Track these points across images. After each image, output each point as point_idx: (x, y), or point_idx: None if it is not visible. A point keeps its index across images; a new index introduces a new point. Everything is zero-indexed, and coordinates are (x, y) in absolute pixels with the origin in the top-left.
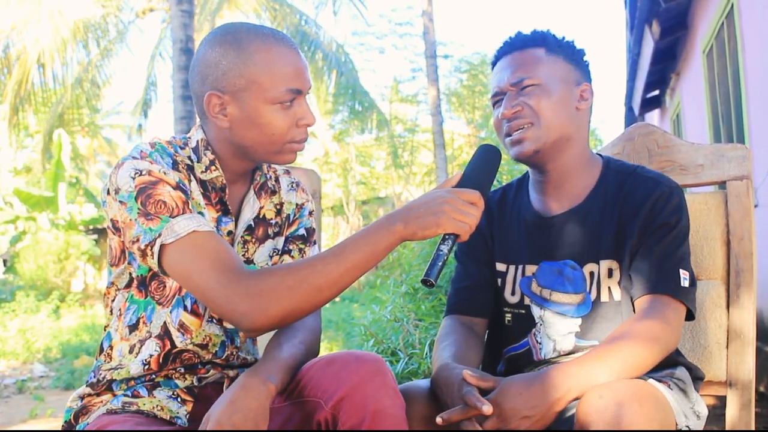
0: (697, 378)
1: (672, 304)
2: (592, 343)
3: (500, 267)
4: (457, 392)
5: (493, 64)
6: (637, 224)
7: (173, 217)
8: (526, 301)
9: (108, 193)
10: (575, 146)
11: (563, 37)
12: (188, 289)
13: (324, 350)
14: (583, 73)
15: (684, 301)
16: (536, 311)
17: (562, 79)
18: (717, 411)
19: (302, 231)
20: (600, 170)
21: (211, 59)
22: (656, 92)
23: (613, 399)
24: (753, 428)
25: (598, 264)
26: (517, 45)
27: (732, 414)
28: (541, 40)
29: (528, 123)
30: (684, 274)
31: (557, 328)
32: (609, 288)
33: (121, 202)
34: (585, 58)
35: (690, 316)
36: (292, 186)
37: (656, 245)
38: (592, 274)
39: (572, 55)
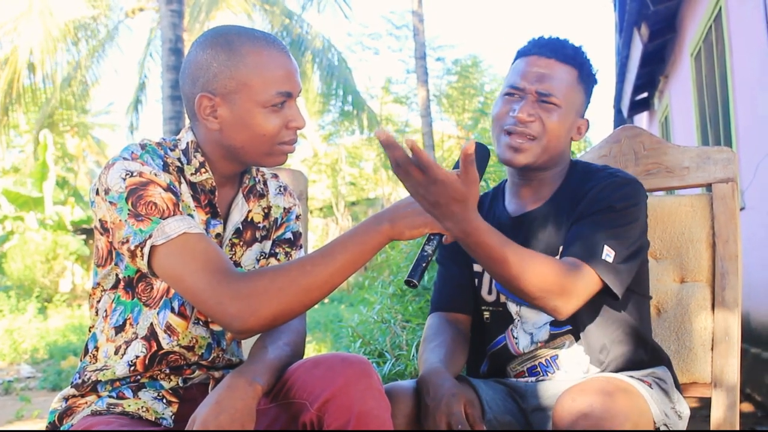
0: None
1: (584, 271)
2: (566, 329)
3: (477, 268)
4: (444, 407)
5: (524, 53)
6: (581, 205)
7: (164, 219)
8: (502, 298)
9: (97, 193)
10: (559, 164)
11: (593, 68)
12: (178, 290)
13: (312, 351)
14: (587, 108)
15: (597, 270)
16: (513, 308)
17: (576, 111)
18: (703, 412)
19: (289, 235)
20: (566, 172)
21: (203, 61)
22: (645, 94)
23: (586, 400)
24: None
25: (558, 255)
26: (559, 54)
27: (717, 415)
28: (580, 63)
29: (533, 136)
30: (608, 251)
31: (533, 321)
32: None
33: (110, 202)
34: (592, 94)
35: (612, 295)
36: (279, 190)
37: (589, 221)
38: None
39: (590, 89)
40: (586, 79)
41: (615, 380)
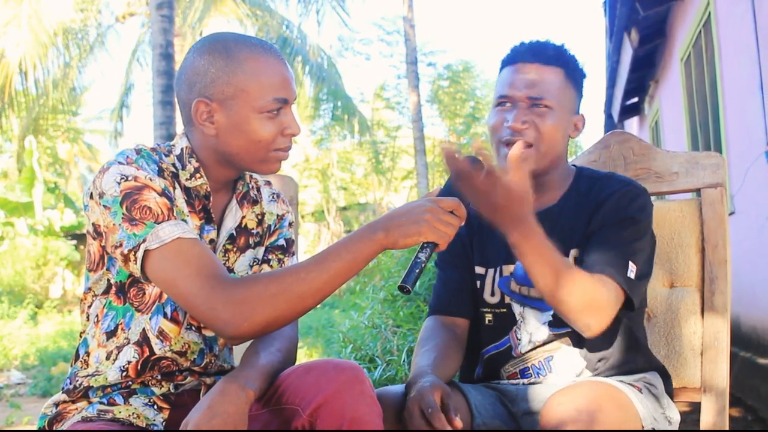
0: (665, 376)
1: (614, 289)
2: (565, 330)
3: (479, 270)
4: (417, 395)
5: (508, 61)
6: (601, 213)
7: (158, 223)
8: (506, 300)
9: (91, 197)
10: (558, 167)
11: (578, 63)
12: (171, 295)
13: (304, 356)
14: (580, 102)
15: (624, 288)
16: (517, 309)
17: (569, 109)
18: (693, 416)
19: (282, 241)
20: (573, 177)
21: (200, 67)
22: (635, 99)
23: (573, 405)
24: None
25: (568, 256)
26: (542, 56)
27: (707, 420)
28: (565, 61)
29: (529, 144)
30: (632, 267)
31: (535, 322)
32: None
33: (105, 206)
34: (584, 87)
35: (629, 306)
36: (273, 197)
37: (613, 233)
38: None
39: (580, 85)
40: (573, 74)
41: (603, 385)
